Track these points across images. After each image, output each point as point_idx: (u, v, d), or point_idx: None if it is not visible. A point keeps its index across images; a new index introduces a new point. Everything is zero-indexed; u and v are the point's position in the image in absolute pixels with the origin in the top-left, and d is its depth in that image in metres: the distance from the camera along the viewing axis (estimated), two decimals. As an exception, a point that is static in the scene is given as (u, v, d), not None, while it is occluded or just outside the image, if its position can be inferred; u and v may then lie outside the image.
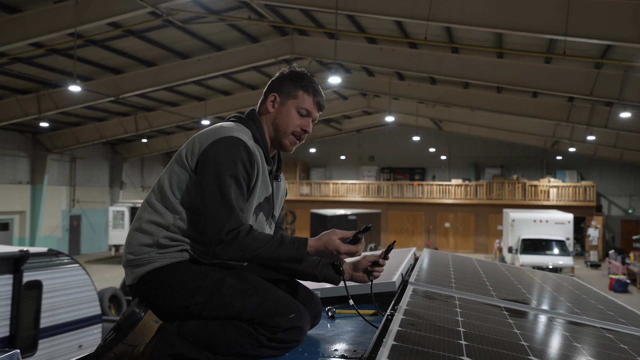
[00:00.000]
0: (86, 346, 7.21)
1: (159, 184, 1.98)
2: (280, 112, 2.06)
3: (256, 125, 2.04)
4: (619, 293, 17.35)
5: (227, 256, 1.82)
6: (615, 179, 29.04)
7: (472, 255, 6.78)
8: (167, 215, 1.91)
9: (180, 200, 1.92)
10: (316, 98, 2.08)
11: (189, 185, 1.91)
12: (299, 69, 2.11)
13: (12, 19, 11.55)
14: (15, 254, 6.24)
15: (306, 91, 2.06)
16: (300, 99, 2.06)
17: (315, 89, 2.08)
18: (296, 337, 1.82)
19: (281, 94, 2.07)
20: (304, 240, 1.84)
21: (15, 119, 17.63)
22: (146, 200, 1.98)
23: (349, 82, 19.48)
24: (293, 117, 2.05)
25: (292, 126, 2.05)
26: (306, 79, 2.08)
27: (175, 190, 1.93)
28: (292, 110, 2.05)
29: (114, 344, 1.82)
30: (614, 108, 16.45)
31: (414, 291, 2.12)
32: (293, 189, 30.02)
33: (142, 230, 1.93)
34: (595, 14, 9.73)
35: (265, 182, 2.00)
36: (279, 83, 2.09)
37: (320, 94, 2.09)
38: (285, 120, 2.05)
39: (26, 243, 21.87)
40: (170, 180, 1.94)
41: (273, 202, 2.08)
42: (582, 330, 1.95)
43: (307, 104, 2.06)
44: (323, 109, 2.12)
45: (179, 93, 19.44)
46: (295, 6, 11.89)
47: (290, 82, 2.07)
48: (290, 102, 2.06)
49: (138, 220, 1.96)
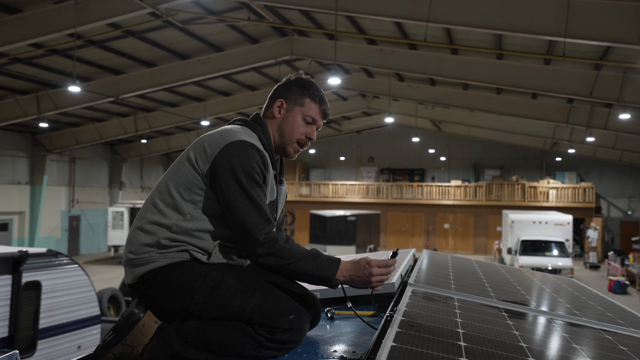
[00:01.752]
0: (85, 347, 7.21)
1: (164, 184, 1.97)
2: (286, 119, 2.07)
3: (262, 129, 2.04)
4: (618, 294, 17.35)
5: (266, 260, 1.84)
6: (614, 180, 29.05)
7: (471, 257, 6.78)
8: (172, 216, 1.91)
9: (187, 202, 1.91)
10: (322, 107, 2.10)
11: (198, 187, 1.91)
12: (305, 76, 2.13)
13: (12, 19, 11.54)
14: (14, 255, 6.24)
15: (313, 99, 2.08)
16: (307, 107, 2.07)
17: (322, 98, 2.10)
18: (295, 338, 1.82)
19: (288, 100, 2.08)
20: (338, 260, 1.86)
21: (15, 119, 17.62)
22: (150, 201, 1.98)
23: (349, 83, 19.49)
24: (299, 124, 2.07)
25: (298, 133, 2.07)
26: (313, 87, 2.10)
27: (182, 192, 1.92)
28: (298, 117, 2.07)
29: (113, 344, 1.82)
30: (614, 109, 16.46)
31: (413, 292, 2.12)
32: (292, 189, 30.03)
33: (143, 230, 1.93)
34: (595, 16, 9.74)
35: (271, 187, 2.01)
36: (285, 89, 2.10)
37: (326, 103, 2.12)
38: (292, 127, 2.06)
39: (25, 243, 21.85)
40: (177, 181, 1.93)
41: (277, 206, 2.09)
42: (581, 332, 1.95)
43: (314, 112, 2.08)
44: (328, 117, 2.14)
45: (178, 94, 19.44)
46: (295, 7, 11.90)
47: (298, 89, 2.08)
48: (297, 110, 2.07)
49: (140, 219, 1.96)
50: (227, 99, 20.49)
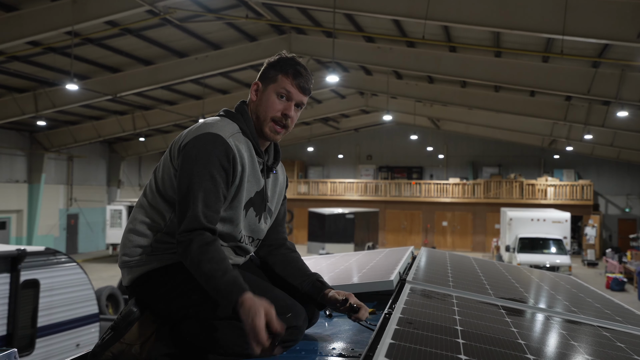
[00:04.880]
0: (83, 345, 7.20)
1: (149, 183, 1.96)
2: (261, 99, 1.98)
3: (244, 118, 1.98)
4: (616, 292, 17.40)
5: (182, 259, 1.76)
6: (612, 177, 29.10)
7: (469, 254, 6.80)
8: (160, 215, 1.90)
9: (171, 199, 1.89)
10: (296, 80, 1.94)
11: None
12: (288, 55, 2.02)
13: (9, 17, 11.51)
14: (12, 253, 6.23)
15: (285, 73, 1.95)
16: (279, 82, 1.95)
17: (297, 71, 1.95)
18: (294, 336, 1.81)
19: (263, 81, 1.99)
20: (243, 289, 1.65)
21: (13, 117, 17.60)
22: (140, 202, 1.96)
23: (347, 80, 19.48)
24: (272, 101, 1.95)
25: (272, 111, 1.94)
26: (287, 62, 1.96)
27: (167, 189, 1.90)
28: (271, 94, 1.96)
29: (111, 342, 1.81)
30: (611, 107, 16.48)
31: (412, 290, 2.12)
32: (291, 187, 30.01)
33: (136, 232, 1.91)
34: (593, 13, 9.74)
35: (255, 176, 1.95)
36: (263, 71, 2.02)
37: (303, 77, 1.95)
38: (265, 106, 1.96)
39: (23, 242, 21.84)
40: (163, 178, 1.92)
41: (267, 196, 2.03)
42: (579, 329, 1.96)
43: (287, 85, 1.95)
44: (307, 92, 1.99)
45: (176, 92, 19.42)
46: (293, 5, 11.88)
47: (272, 68, 1.98)
48: (270, 87, 1.96)
49: (132, 221, 1.94)
50: (225, 97, 20.48)
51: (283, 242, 2.15)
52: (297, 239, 28.74)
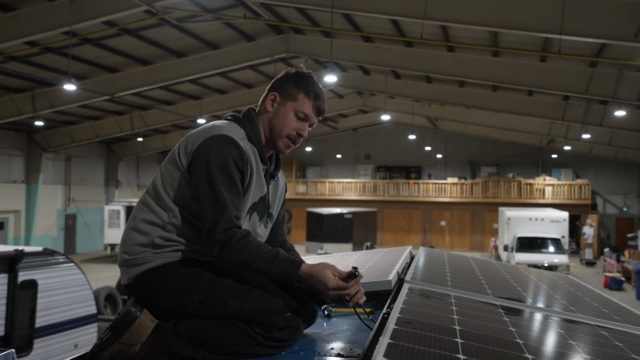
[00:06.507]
0: (82, 345, 7.20)
1: (153, 183, 1.97)
2: (277, 113, 2.02)
3: (251, 124, 2.01)
4: (614, 291, 17.43)
5: (222, 259, 1.81)
6: (610, 177, 29.14)
7: (467, 254, 6.79)
8: (162, 213, 1.91)
9: (173, 199, 1.90)
10: (316, 103, 2.02)
11: (181, 184, 1.90)
12: (306, 71, 2.06)
13: (7, 17, 11.49)
14: (10, 253, 6.22)
15: (307, 95, 2.01)
16: (300, 102, 2.01)
17: (317, 94, 2.02)
18: (292, 336, 1.82)
19: (282, 94, 2.03)
20: (298, 263, 1.79)
21: (10, 117, 17.57)
22: (141, 200, 1.97)
23: (345, 80, 19.48)
24: (290, 119, 2.00)
25: (288, 129, 2.00)
26: (309, 82, 2.02)
27: (167, 189, 1.91)
28: (289, 112, 2.01)
29: (109, 343, 1.81)
30: (609, 106, 16.50)
31: (410, 289, 2.12)
32: (289, 187, 29.98)
33: (137, 230, 1.92)
34: (591, 13, 9.76)
35: (260, 182, 1.98)
36: (281, 82, 2.05)
37: (321, 99, 2.03)
38: (282, 122, 2.01)
39: (21, 242, 21.79)
40: (164, 178, 1.93)
41: (269, 202, 2.07)
42: (577, 328, 1.96)
43: (307, 108, 2.01)
44: (323, 114, 2.07)
45: (174, 92, 19.40)
46: (291, 5, 11.87)
47: (293, 83, 2.02)
48: (289, 104, 2.01)
49: (133, 219, 1.95)
50: (223, 97, 20.47)
51: (282, 243, 2.18)
52: (296, 239, 28.74)
